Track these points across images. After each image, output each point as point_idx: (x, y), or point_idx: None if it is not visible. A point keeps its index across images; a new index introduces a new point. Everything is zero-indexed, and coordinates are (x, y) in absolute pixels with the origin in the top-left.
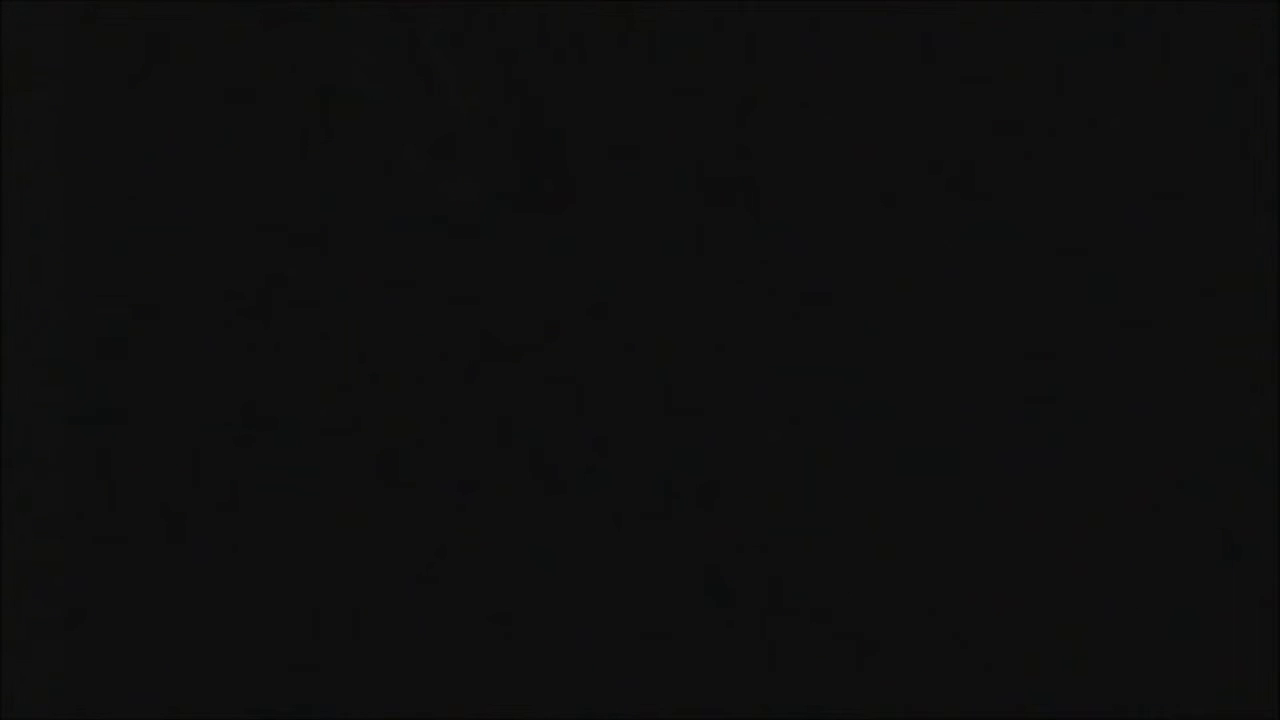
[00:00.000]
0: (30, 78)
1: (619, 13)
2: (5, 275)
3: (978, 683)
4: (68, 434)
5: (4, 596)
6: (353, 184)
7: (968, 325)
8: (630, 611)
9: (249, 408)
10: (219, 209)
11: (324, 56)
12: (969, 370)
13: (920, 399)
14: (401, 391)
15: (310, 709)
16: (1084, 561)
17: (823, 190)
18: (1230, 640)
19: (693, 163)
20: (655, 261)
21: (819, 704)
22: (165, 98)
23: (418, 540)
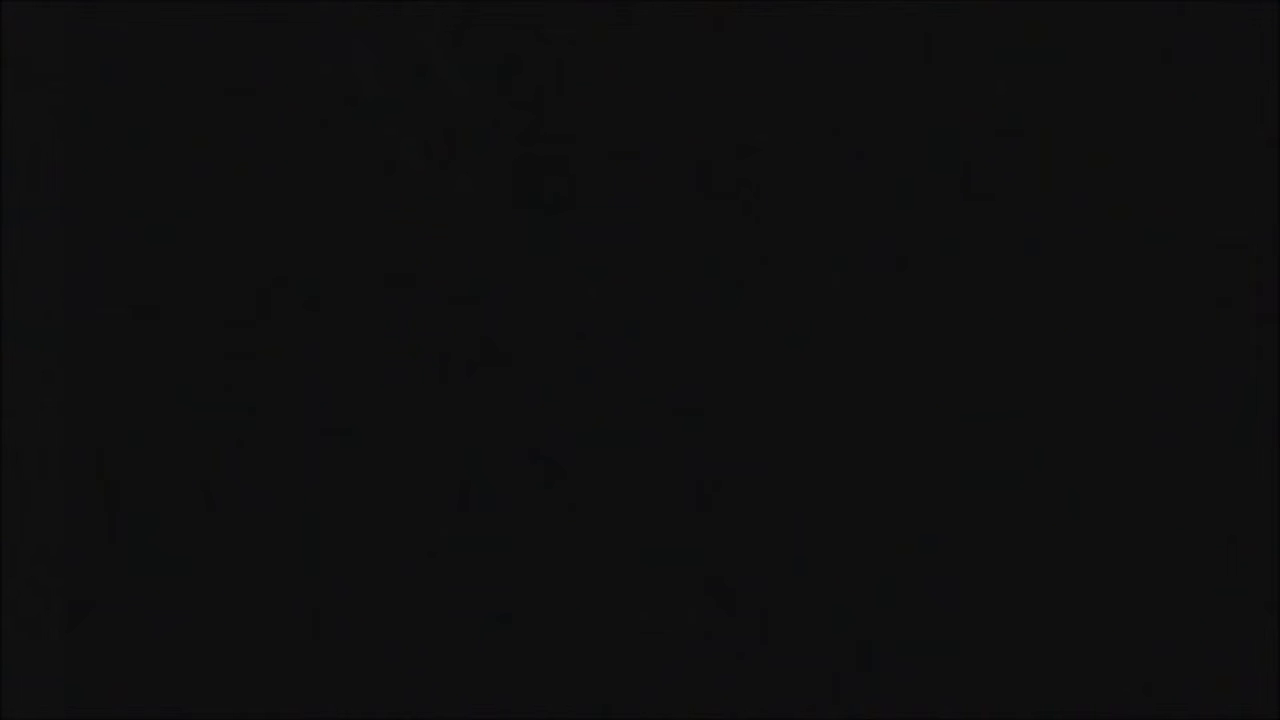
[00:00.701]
0: (30, 78)
1: (619, 13)
2: (5, 275)
3: (978, 683)
4: (68, 434)
5: (4, 596)
6: (353, 184)
7: (968, 325)
8: (631, 611)
9: (249, 408)
10: (218, 208)
11: (324, 56)
12: (969, 370)
13: (920, 399)
14: (402, 391)
15: (310, 709)
16: (1084, 561)
17: (823, 190)
18: (1230, 640)
19: (693, 163)
20: (655, 262)
21: (819, 704)
22: (165, 98)
23: (418, 540)
